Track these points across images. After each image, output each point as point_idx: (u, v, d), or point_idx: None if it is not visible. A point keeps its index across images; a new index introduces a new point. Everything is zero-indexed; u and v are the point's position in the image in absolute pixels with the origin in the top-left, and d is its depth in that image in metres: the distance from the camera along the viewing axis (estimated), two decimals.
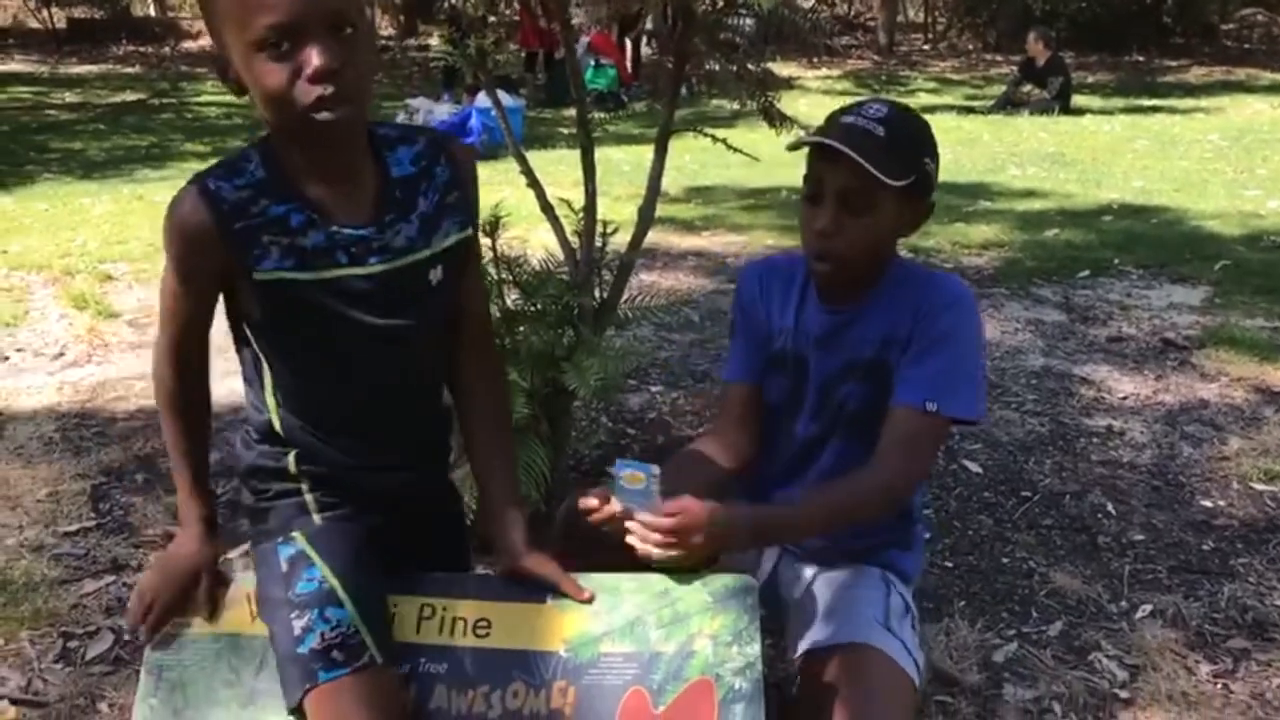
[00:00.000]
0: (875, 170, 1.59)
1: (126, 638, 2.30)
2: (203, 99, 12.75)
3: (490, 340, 1.74)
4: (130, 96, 12.78)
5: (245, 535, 1.61)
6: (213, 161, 1.46)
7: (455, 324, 1.61)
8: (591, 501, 1.58)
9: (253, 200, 1.39)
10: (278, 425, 1.53)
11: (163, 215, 1.41)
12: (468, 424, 1.66)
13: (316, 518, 1.55)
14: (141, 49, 18.31)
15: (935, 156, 1.72)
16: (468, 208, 1.56)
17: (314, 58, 1.26)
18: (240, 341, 1.53)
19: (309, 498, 1.55)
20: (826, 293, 1.79)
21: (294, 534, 1.52)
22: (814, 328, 1.79)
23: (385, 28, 19.03)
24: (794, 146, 1.72)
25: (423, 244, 1.49)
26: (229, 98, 11.98)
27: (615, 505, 1.56)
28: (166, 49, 18.44)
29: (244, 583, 1.60)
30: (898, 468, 1.68)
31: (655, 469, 1.56)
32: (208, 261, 1.40)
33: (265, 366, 1.51)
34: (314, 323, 1.44)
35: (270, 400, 1.53)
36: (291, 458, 1.54)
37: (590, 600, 1.57)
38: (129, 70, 15.94)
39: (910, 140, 1.68)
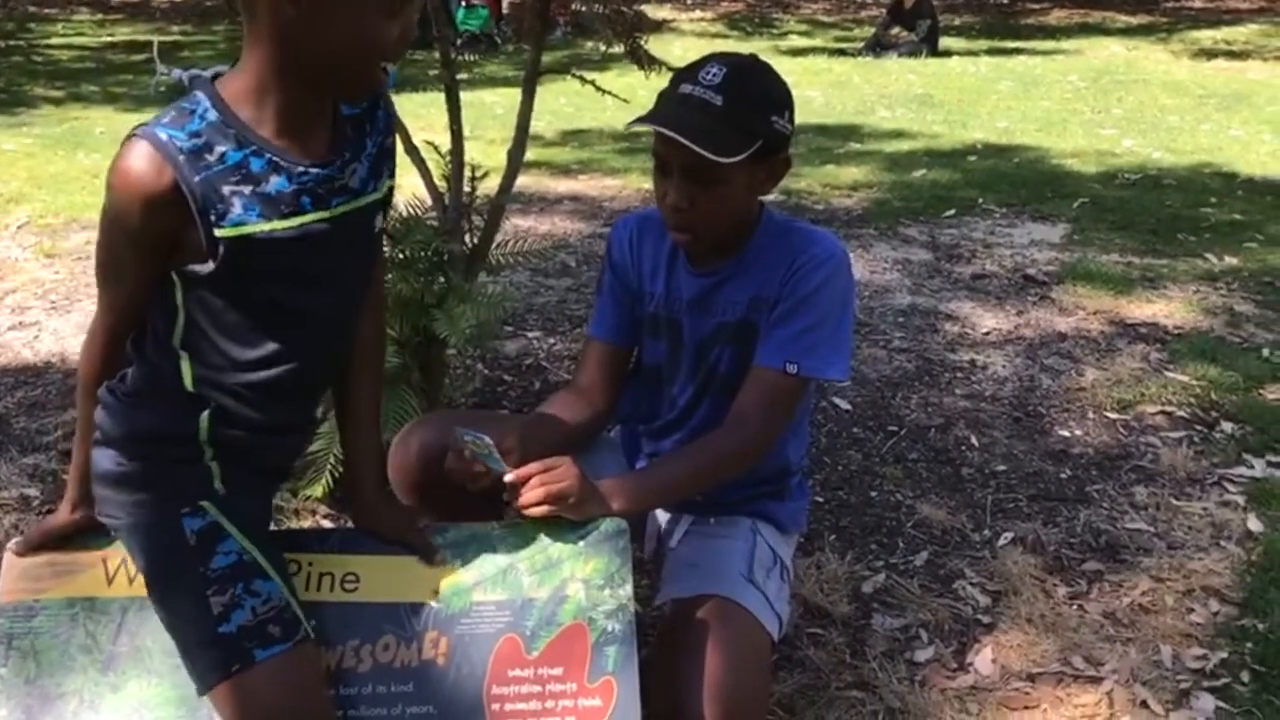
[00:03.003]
0: (712, 155, 1.56)
1: None
2: (53, 41, 12.10)
3: (384, 293, 1.71)
4: None
5: (114, 506, 1.47)
6: (73, 106, 1.37)
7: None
8: (478, 468, 1.57)
9: (207, 147, 1.29)
10: (189, 383, 1.41)
11: (10, 164, 1.32)
12: (353, 376, 1.61)
13: (219, 486, 1.45)
14: None
15: (786, 109, 1.67)
16: (394, 155, 1.53)
17: (413, 24, 1.36)
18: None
19: (213, 465, 1.44)
20: (695, 254, 1.78)
21: (202, 504, 1.42)
22: (685, 291, 1.79)
23: None
24: (629, 126, 1.68)
25: (373, 186, 1.45)
26: (81, 39, 11.30)
27: (479, 464, 1.57)
28: None
29: (98, 545, 1.54)
30: (754, 430, 1.70)
31: (488, 438, 1.56)
32: (166, 222, 1.29)
33: (181, 319, 1.38)
34: (271, 275, 1.36)
35: (181, 356, 1.40)
36: (205, 421, 1.42)
37: (441, 563, 1.56)
38: None
39: (753, 103, 1.63)
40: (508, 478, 1.55)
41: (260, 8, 1.27)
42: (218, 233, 1.30)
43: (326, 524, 2.47)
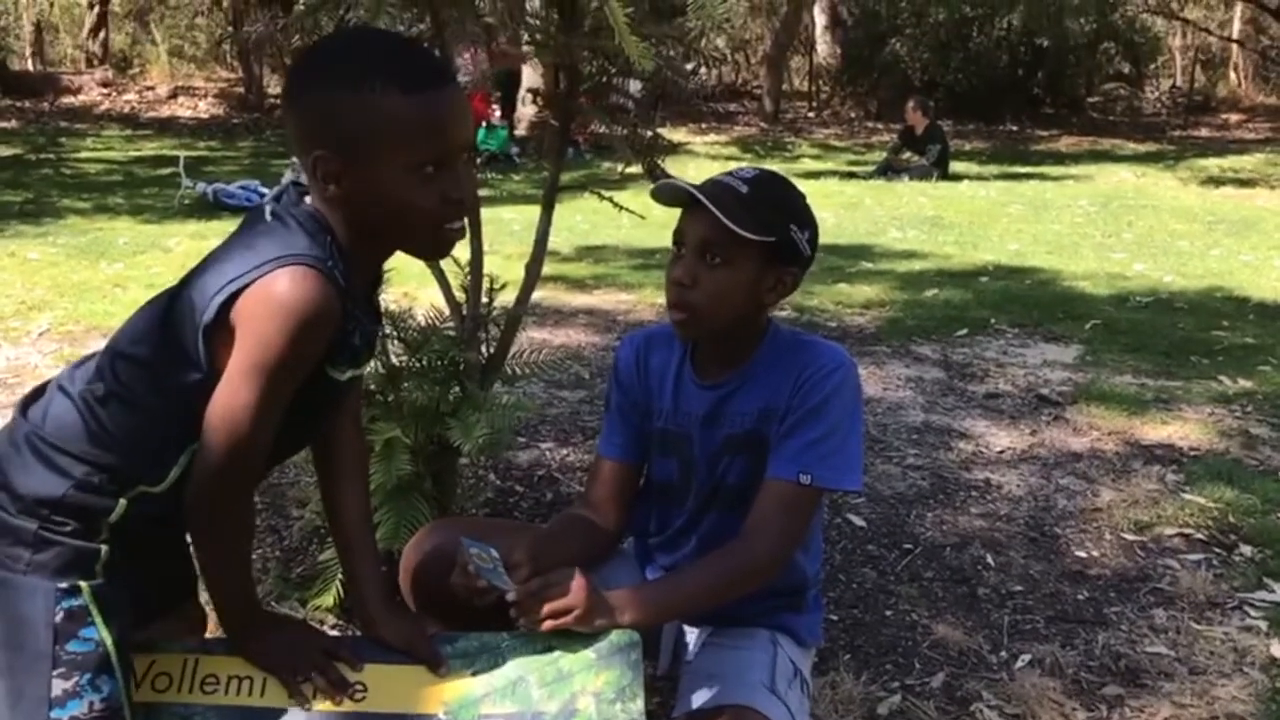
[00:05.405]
0: (728, 220, 1.61)
1: None
2: (83, 155, 12.41)
3: (360, 403, 1.77)
4: (5, 151, 12.38)
5: None
6: (99, 218, 1.41)
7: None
8: (481, 584, 1.56)
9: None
10: (167, 486, 1.40)
11: (35, 272, 1.34)
12: (343, 485, 1.63)
13: (99, 570, 1.39)
14: (19, 104, 17.80)
15: (806, 226, 1.71)
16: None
17: (463, 184, 1.39)
18: (186, 394, 1.37)
19: (102, 549, 1.39)
20: (701, 367, 1.80)
21: (79, 584, 1.37)
22: (695, 407, 1.80)
23: (276, 85, 18.85)
24: (654, 193, 1.73)
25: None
26: (109, 154, 11.55)
27: (482, 579, 1.56)
28: (45, 104, 17.97)
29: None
30: (771, 542, 1.69)
31: (495, 551, 1.56)
32: (318, 352, 1.35)
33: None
34: (297, 415, 1.41)
35: (183, 453, 1.39)
36: (121, 507, 1.39)
37: (445, 672, 1.54)
38: (5, 125, 15.49)
39: (774, 202, 1.69)
40: (510, 596, 1.54)
41: (312, 174, 1.36)
42: (328, 369, 1.39)
43: (334, 634, 2.44)
